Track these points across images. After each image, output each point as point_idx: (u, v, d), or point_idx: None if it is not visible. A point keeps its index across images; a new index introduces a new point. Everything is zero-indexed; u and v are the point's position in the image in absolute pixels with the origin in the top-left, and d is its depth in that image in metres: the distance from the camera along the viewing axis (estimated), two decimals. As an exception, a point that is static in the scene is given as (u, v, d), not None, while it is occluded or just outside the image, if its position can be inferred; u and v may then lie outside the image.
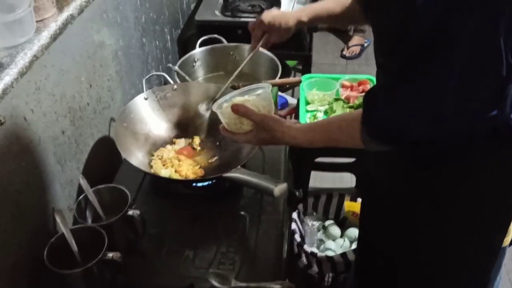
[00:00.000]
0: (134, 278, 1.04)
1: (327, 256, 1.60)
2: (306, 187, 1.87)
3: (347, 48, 3.30)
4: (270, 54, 1.64)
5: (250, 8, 1.99)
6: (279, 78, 1.58)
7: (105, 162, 1.37)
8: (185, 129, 1.40)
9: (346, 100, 1.77)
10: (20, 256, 1.01)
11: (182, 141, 1.37)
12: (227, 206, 1.23)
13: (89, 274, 0.97)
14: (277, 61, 1.63)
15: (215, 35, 1.78)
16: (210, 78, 1.74)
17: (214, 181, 1.23)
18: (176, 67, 1.62)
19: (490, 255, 0.96)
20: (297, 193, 1.32)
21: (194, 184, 1.27)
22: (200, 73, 1.75)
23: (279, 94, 1.74)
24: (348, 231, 1.76)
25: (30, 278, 1.04)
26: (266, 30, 1.26)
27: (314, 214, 1.82)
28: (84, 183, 1.09)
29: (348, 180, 2.24)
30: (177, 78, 1.59)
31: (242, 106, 0.98)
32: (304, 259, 1.64)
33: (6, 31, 0.97)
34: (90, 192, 1.09)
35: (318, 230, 1.79)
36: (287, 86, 1.76)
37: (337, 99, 1.77)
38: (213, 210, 1.21)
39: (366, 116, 0.82)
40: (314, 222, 1.79)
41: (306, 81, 1.82)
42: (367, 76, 1.88)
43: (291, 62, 2.45)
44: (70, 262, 1.00)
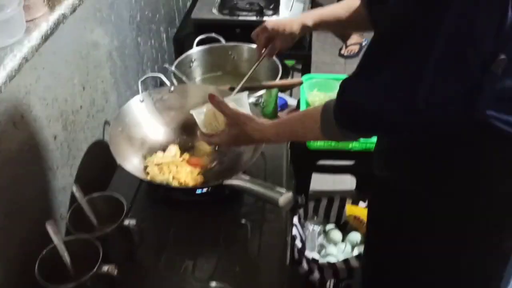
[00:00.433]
0: (130, 292, 0.99)
1: (329, 262, 1.56)
2: (307, 190, 1.84)
3: (346, 47, 3.26)
4: (270, 55, 1.59)
5: (248, 6, 1.93)
6: (280, 79, 1.54)
7: (99, 168, 1.32)
8: (183, 133, 1.34)
9: (348, 101, 1.73)
10: (8, 270, 0.96)
11: (174, 148, 1.30)
12: (228, 214, 1.18)
13: (83, 289, 0.92)
14: (277, 61, 1.58)
15: (213, 34, 1.73)
16: (208, 78, 1.69)
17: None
18: (172, 68, 1.57)
19: (502, 259, 0.94)
20: (299, 199, 1.27)
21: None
22: (197, 73, 1.70)
23: (279, 95, 1.70)
24: (349, 236, 1.72)
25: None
26: (270, 37, 1.24)
27: (315, 218, 1.78)
28: (77, 192, 1.04)
29: (348, 182, 2.20)
30: (173, 79, 1.54)
31: (217, 96, 1.02)
32: (305, 266, 1.60)
33: (-7, 32, 0.91)
34: (83, 201, 1.04)
35: (319, 234, 1.75)
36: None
37: (338, 100, 1.73)
38: (213, 218, 1.16)
39: (338, 101, 0.82)
40: (315, 227, 1.75)
41: (306, 81, 1.78)
42: (369, 76, 1.84)
43: (290, 62, 2.42)
44: (62, 276, 0.95)
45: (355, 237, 1.70)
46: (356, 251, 1.65)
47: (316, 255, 1.59)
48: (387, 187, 0.98)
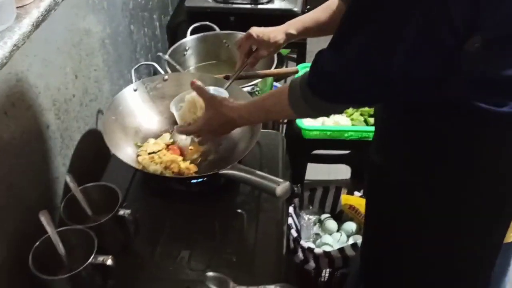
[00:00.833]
0: (126, 283, 0.98)
1: (325, 251, 1.56)
2: (302, 180, 1.83)
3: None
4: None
5: (242, -6, 1.91)
6: (275, 68, 1.53)
7: (93, 157, 1.30)
8: (177, 121, 1.33)
9: (343, 90, 1.72)
10: (2, 261, 0.95)
11: (167, 135, 1.30)
12: (223, 203, 1.17)
13: (77, 280, 0.91)
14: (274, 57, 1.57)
15: (207, 22, 1.71)
16: (202, 67, 1.67)
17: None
18: (166, 56, 1.55)
19: (494, 247, 0.94)
20: (295, 189, 1.26)
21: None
22: (191, 62, 1.68)
23: (274, 84, 1.68)
24: (344, 225, 1.72)
25: (15, 284, 0.97)
26: (255, 45, 1.25)
27: (310, 208, 1.78)
28: (71, 182, 1.03)
29: (343, 171, 2.20)
30: (167, 68, 1.52)
31: (198, 82, 1.07)
32: (300, 255, 1.60)
33: (-17, 18, 0.89)
34: (77, 191, 1.03)
35: (314, 224, 1.75)
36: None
37: (333, 89, 1.72)
38: (208, 208, 1.15)
39: (312, 70, 0.81)
40: (310, 216, 1.75)
41: (302, 70, 1.76)
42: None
43: (284, 51, 2.39)
44: (57, 267, 0.94)
45: (350, 226, 1.69)
46: (351, 240, 1.65)
47: (311, 245, 1.59)
48: (382, 175, 0.97)
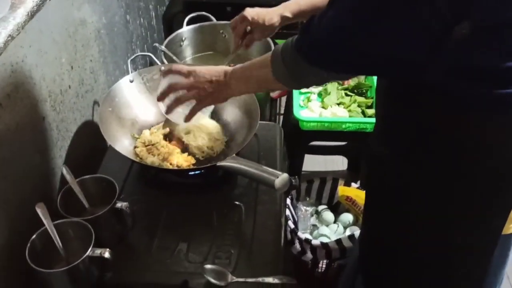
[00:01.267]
0: (123, 276, 0.98)
1: (322, 242, 1.56)
2: (300, 171, 1.83)
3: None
4: (263, 33, 1.56)
5: (239, -16, 1.89)
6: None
7: (89, 149, 1.29)
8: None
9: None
10: (-1, 254, 0.94)
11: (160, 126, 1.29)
12: (221, 196, 1.17)
13: (75, 273, 0.90)
14: (269, 40, 1.55)
15: (203, 13, 1.70)
16: (199, 58, 1.66)
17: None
18: (162, 47, 1.54)
19: (492, 238, 0.93)
20: (293, 181, 1.26)
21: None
22: (188, 52, 1.67)
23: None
24: (341, 216, 1.72)
25: (11, 277, 0.97)
26: (249, 27, 1.23)
27: (307, 199, 1.78)
28: (67, 174, 1.02)
29: (339, 162, 2.20)
30: (164, 59, 1.51)
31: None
32: (297, 246, 1.60)
33: (-24, 8, 0.87)
34: (74, 183, 1.02)
35: (311, 215, 1.75)
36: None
37: (331, 80, 1.71)
38: (206, 200, 1.15)
39: (300, 32, 0.81)
40: (307, 208, 1.74)
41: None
42: (362, 56, 1.81)
43: (281, 41, 2.37)
44: (54, 260, 0.93)
45: (347, 217, 1.69)
46: (348, 232, 1.65)
47: (308, 236, 1.59)
48: (380, 162, 0.97)
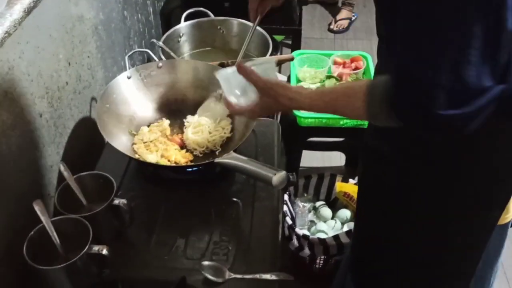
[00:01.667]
0: (121, 272, 0.98)
1: (320, 238, 1.56)
2: (297, 168, 1.83)
3: (335, 21, 3.21)
4: (261, 30, 1.56)
5: (237, -21, 1.89)
6: (270, 54, 1.51)
7: (87, 146, 1.29)
8: (172, 109, 1.32)
9: (339, 77, 1.71)
10: (-3, 251, 0.94)
11: (165, 122, 1.28)
12: (219, 192, 1.17)
13: (73, 269, 0.90)
14: (267, 36, 1.56)
15: (201, 8, 1.69)
16: (196, 54, 1.66)
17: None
18: (160, 43, 1.53)
19: (489, 230, 0.95)
20: (291, 177, 1.26)
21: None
22: (185, 48, 1.66)
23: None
24: (339, 212, 1.72)
25: (9, 274, 0.97)
26: None
27: (305, 195, 1.78)
28: (65, 170, 1.02)
29: (337, 158, 2.20)
30: (161, 55, 1.50)
31: (245, 65, 0.91)
32: (295, 242, 1.60)
33: (-27, 4, 0.87)
34: (71, 180, 1.02)
35: (309, 211, 1.75)
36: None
37: (329, 77, 1.71)
38: (204, 196, 1.15)
39: (397, 89, 0.72)
40: (305, 204, 1.75)
41: (297, 57, 1.75)
42: (360, 52, 1.81)
43: (279, 37, 2.37)
44: (52, 257, 0.93)
45: (345, 213, 1.70)
46: (346, 228, 1.66)
47: (306, 232, 1.59)
48: (377, 158, 0.97)
